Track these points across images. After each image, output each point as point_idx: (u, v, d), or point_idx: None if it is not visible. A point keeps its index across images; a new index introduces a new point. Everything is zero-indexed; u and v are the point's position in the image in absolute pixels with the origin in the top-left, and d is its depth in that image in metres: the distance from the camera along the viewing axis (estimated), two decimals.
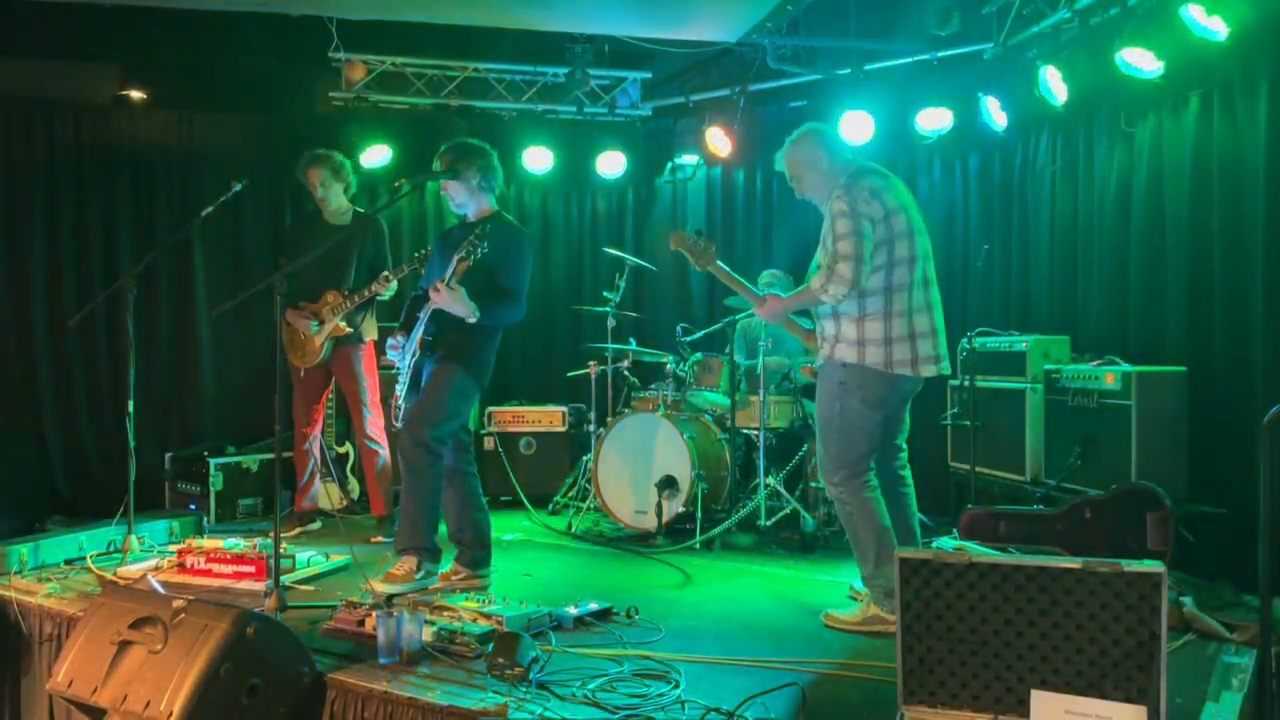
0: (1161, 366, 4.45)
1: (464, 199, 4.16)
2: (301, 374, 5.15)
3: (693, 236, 3.92)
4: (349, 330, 5.10)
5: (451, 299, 3.87)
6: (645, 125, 7.06)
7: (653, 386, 5.70)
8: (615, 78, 6.81)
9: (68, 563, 4.45)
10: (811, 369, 3.91)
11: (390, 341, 4.19)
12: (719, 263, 3.92)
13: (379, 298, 5.06)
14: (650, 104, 6.98)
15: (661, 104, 7.01)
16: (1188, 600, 3.52)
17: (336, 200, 5.22)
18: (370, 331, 5.27)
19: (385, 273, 4.94)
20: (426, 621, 3.28)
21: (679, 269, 7.07)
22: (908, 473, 3.90)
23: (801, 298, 3.76)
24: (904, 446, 3.90)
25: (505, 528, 5.47)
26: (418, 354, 4.08)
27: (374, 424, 5.23)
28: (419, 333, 4.06)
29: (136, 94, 6.46)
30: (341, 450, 5.85)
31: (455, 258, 3.91)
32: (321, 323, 5.06)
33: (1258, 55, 4.11)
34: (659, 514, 5.09)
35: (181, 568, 4.22)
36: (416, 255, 4.54)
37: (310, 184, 5.17)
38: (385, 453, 5.22)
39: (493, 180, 4.19)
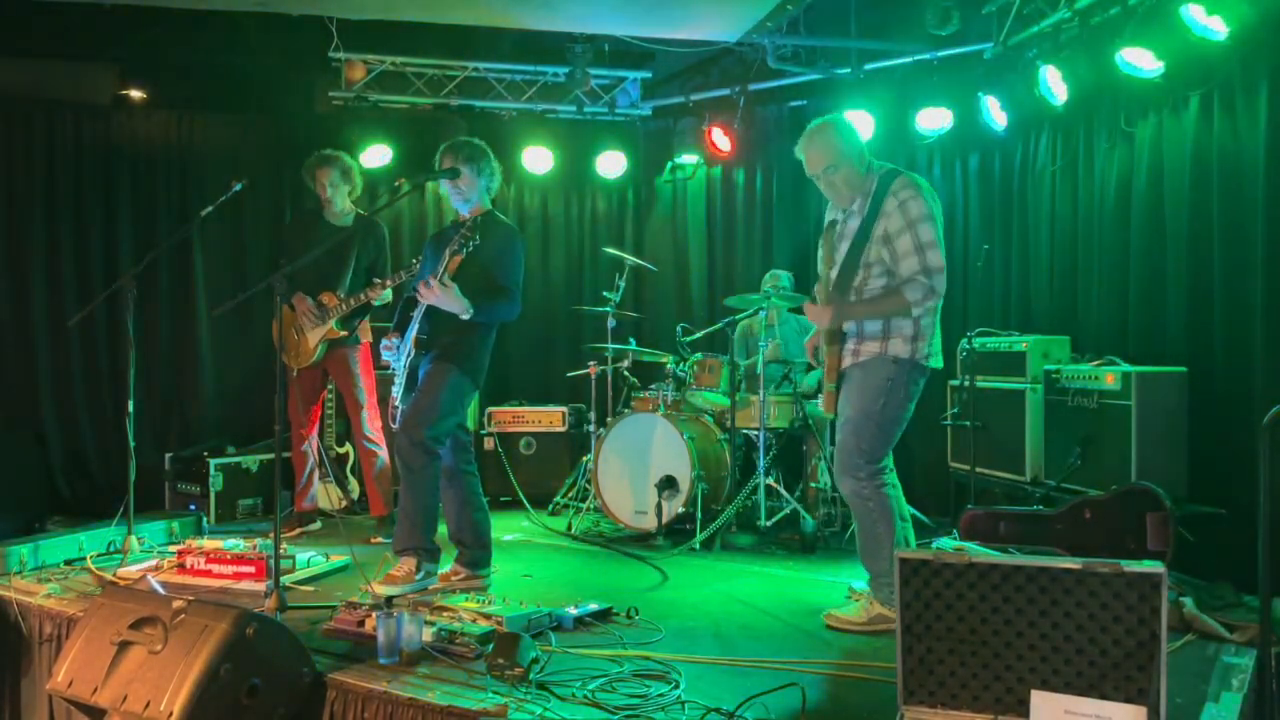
0: (1161, 366, 4.45)
1: (465, 198, 4.17)
2: (295, 374, 5.14)
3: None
4: (343, 333, 5.11)
5: (444, 294, 3.89)
6: (645, 125, 7.06)
7: (653, 386, 5.70)
8: (615, 77, 6.81)
9: (68, 563, 4.46)
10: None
11: (385, 343, 4.21)
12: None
13: (374, 304, 5.05)
14: (650, 104, 6.99)
15: (661, 104, 7.01)
16: (1188, 600, 3.52)
17: (341, 202, 5.22)
18: (365, 333, 5.27)
19: (377, 280, 4.93)
20: (426, 622, 3.28)
21: (679, 269, 7.08)
22: (893, 468, 3.90)
23: (883, 307, 3.55)
24: None
25: (505, 528, 5.47)
26: (412, 353, 4.09)
27: (372, 424, 5.23)
28: (413, 332, 4.08)
29: (136, 94, 6.46)
30: (341, 450, 5.86)
31: (447, 251, 3.98)
32: (319, 319, 5.06)
33: (1258, 55, 4.11)
34: (659, 514, 5.09)
35: (181, 568, 4.23)
36: (413, 262, 4.55)
37: (318, 183, 5.15)
38: (384, 453, 5.23)
39: (493, 180, 4.22)
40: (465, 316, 3.94)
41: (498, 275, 4.07)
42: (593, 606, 3.67)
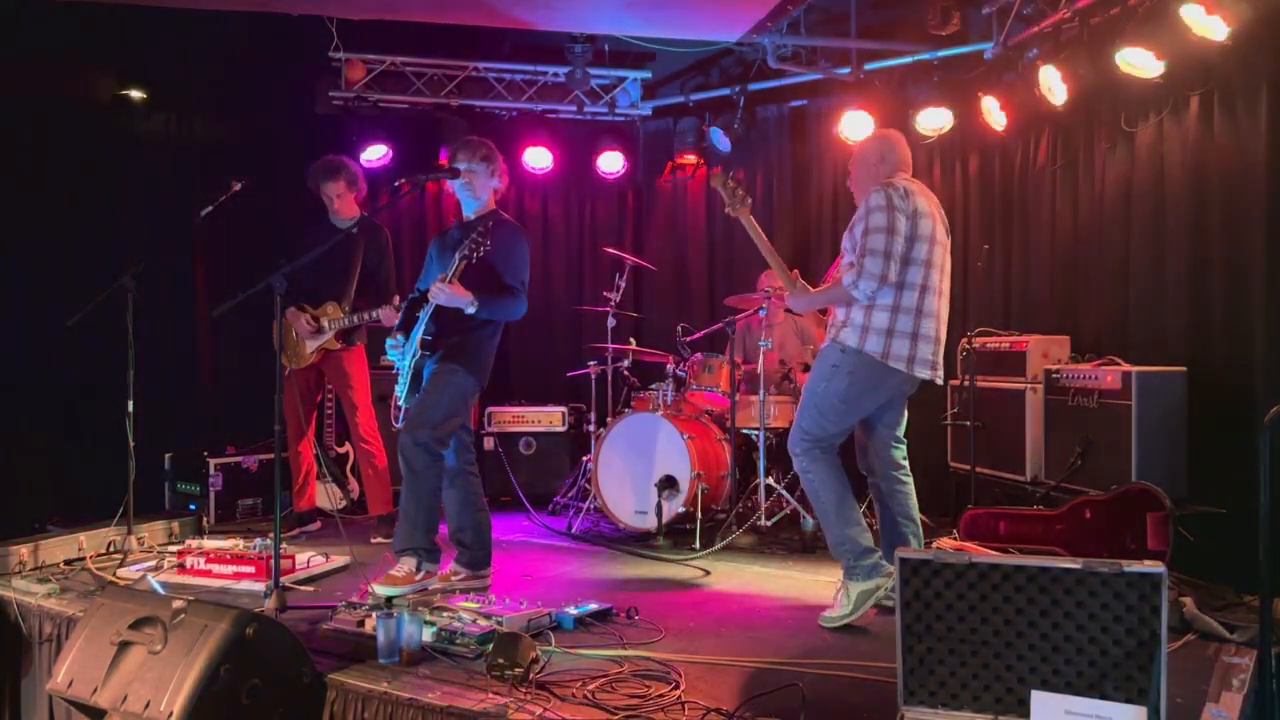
0: (1161, 366, 4.45)
1: (478, 196, 4.18)
2: (287, 373, 5.13)
3: (730, 181, 3.88)
4: (339, 346, 5.12)
5: (451, 292, 3.90)
6: (645, 125, 7.06)
7: (653, 386, 5.70)
8: (615, 77, 6.81)
9: (68, 563, 4.46)
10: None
11: (390, 342, 4.20)
12: (752, 219, 3.87)
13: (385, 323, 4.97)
14: (650, 104, 6.99)
15: (661, 104, 7.01)
16: (1188, 600, 3.52)
17: (348, 208, 5.23)
18: (360, 335, 5.27)
19: (397, 298, 4.89)
20: (426, 622, 3.28)
21: (679, 269, 7.08)
22: (906, 466, 3.90)
23: (829, 295, 3.78)
24: (903, 439, 3.90)
25: (505, 528, 5.47)
26: (418, 354, 4.08)
27: (368, 425, 5.23)
28: (419, 333, 4.07)
29: (136, 94, 6.46)
30: (341, 450, 5.85)
31: (458, 255, 3.94)
32: (318, 331, 5.07)
33: (1258, 55, 4.11)
34: (659, 514, 5.09)
35: (181, 568, 4.23)
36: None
37: (324, 193, 5.16)
38: (381, 453, 5.22)
39: (499, 182, 4.22)
40: (470, 310, 3.94)
41: (504, 274, 4.07)
42: (593, 606, 3.67)
